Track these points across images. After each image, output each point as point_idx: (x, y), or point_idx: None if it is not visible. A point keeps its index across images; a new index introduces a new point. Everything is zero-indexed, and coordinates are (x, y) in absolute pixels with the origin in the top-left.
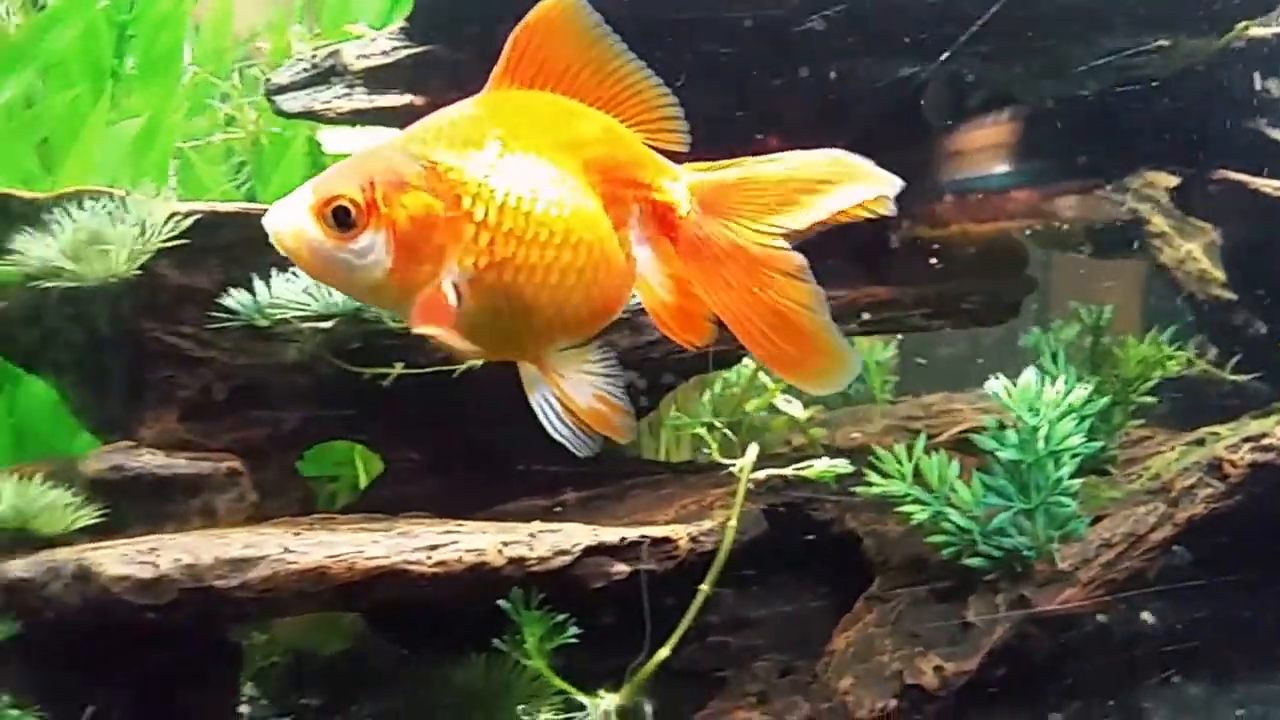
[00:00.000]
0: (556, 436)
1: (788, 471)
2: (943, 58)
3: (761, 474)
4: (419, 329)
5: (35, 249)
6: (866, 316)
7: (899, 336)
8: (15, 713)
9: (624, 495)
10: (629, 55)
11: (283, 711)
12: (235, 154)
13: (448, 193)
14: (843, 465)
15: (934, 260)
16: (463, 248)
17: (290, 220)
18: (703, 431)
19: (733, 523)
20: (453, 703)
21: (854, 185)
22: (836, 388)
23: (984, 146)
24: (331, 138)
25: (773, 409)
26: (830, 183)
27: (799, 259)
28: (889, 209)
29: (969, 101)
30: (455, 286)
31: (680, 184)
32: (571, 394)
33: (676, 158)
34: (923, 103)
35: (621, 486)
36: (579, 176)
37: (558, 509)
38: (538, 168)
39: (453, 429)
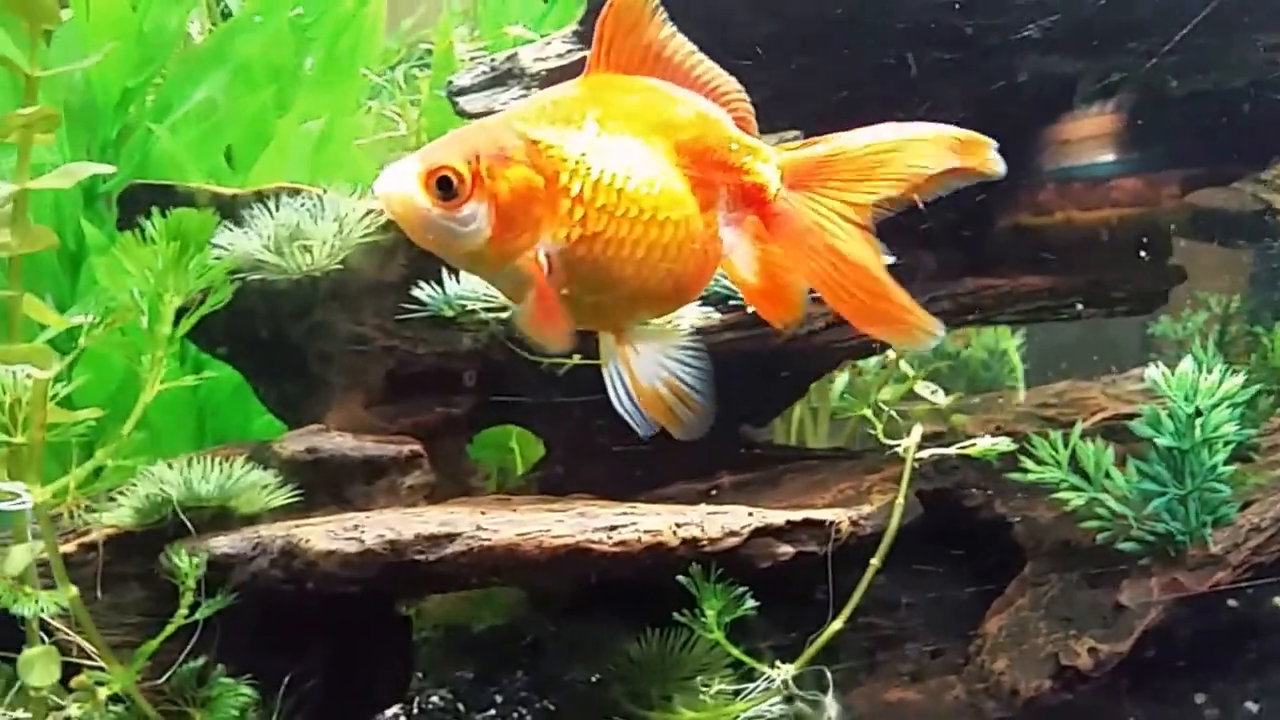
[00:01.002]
0: (619, 409)
1: (952, 450)
2: (1151, 62)
3: (925, 454)
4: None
5: (238, 243)
6: (1022, 306)
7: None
8: (229, 681)
9: (777, 480)
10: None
11: (440, 684)
12: (393, 149)
13: (547, 168)
14: (1005, 443)
15: (1091, 249)
16: (558, 220)
17: (399, 187)
18: (868, 414)
19: (901, 500)
20: (627, 674)
21: (945, 150)
22: (924, 345)
23: (1119, 136)
24: None
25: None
26: (919, 144)
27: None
28: (996, 168)
29: (1115, 94)
30: (547, 257)
31: (771, 164)
32: (637, 370)
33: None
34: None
35: (774, 472)
36: (669, 158)
37: (713, 492)
38: (631, 148)
39: (613, 414)
